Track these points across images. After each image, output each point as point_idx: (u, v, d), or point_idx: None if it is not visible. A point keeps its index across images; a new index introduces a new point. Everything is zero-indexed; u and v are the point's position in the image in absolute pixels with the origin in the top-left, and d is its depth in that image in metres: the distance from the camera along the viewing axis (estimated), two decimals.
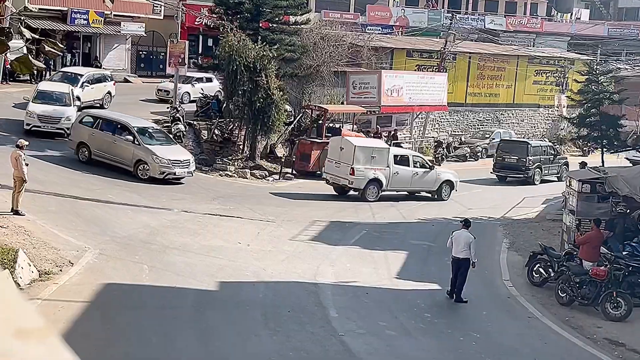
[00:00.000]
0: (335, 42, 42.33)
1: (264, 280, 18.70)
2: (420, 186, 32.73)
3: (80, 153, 29.48)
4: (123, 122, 29.98)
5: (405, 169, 31.91)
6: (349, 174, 30.46)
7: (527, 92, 53.69)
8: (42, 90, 33.16)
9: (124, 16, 48.65)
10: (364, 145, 32.09)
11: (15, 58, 5.78)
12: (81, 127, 29.84)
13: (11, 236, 18.05)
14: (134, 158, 28.75)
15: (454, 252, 18.87)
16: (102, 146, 29.28)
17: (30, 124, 31.49)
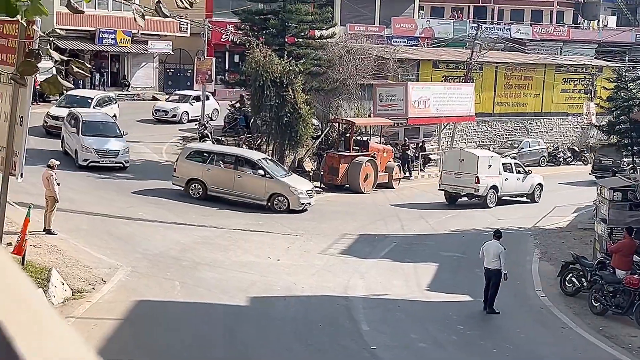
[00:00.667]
0: (361, 55, 42.35)
1: (295, 294, 18.71)
2: (521, 190, 35.41)
3: (192, 189, 29.05)
4: (246, 156, 30.01)
5: (511, 175, 34.72)
6: (475, 182, 33.08)
7: (555, 100, 53.36)
8: (87, 120, 31.83)
9: (151, 35, 49.11)
10: (484, 155, 35.32)
11: (45, 79, 5.86)
12: (190, 163, 29.23)
13: (44, 255, 18.23)
14: (268, 191, 28.71)
15: (485, 263, 18.81)
16: (221, 181, 28.98)
17: (87, 159, 30.40)
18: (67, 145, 32.06)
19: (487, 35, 56.86)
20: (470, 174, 33.02)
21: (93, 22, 46.14)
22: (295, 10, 37.02)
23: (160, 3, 5.59)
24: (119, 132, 32.36)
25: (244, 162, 29.38)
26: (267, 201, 28.73)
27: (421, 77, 47.19)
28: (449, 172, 33.86)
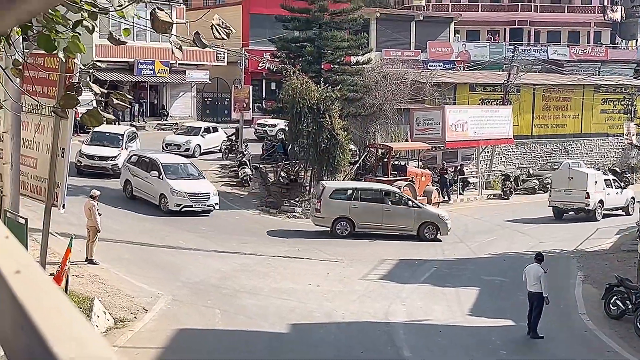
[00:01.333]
0: (397, 79, 42.41)
1: (336, 321, 18.65)
2: (618, 204, 37.71)
3: (339, 228, 29.47)
4: (387, 189, 30.85)
5: (611, 190, 37.26)
6: (585, 197, 35.62)
7: (594, 121, 52.87)
8: (167, 163, 31.15)
9: (189, 65, 49.64)
10: (592, 173, 38.20)
11: (86, 112, 5.94)
12: (335, 202, 29.50)
13: (87, 285, 18.40)
14: (418, 221, 29.63)
15: (528, 286, 18.65)
16: (370, 217, 29.45)
17: (180, 204, 29.56)
18: (139, 189, 30.54)
19: (524, 57, 56.68)
20: (580, 190, 35.69)
21: (132, 53, 46.76)
22: (331, 37, 37.23)
23: (198, 34, 5.66)
24: (198, 173, 31.94)
25: (386, 195, 30.27)
26: (416, 231, 29.76)
27: (458, 100, 47.08)
28: (559, 189, 36.42)
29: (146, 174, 30.41)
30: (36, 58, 13.75)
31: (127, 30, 6.87)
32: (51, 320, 0.97)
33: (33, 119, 15.43)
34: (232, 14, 51.24)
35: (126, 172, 31.38)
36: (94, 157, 33.76)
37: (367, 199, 30.04)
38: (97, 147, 34.34)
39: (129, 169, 31.26)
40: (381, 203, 29.81)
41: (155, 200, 29.94)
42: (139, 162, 31.33)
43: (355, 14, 39.05)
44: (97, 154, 33.91)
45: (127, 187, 31.09)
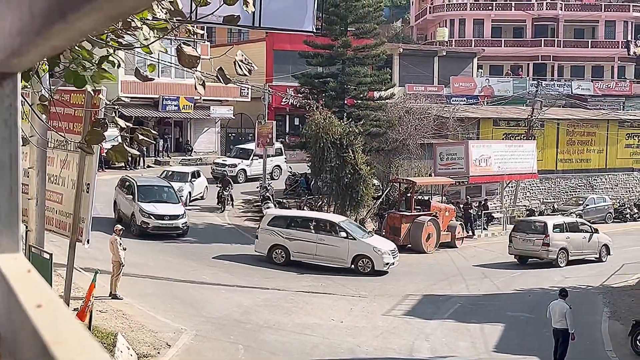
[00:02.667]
0: (421, 114, 42.47)
1: (359, 357, 18.53)
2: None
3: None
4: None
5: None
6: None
7: (619, 156, 52.59)
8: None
9: (212, 100, 50.01)
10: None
11: (111, 147, 5.99)
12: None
13: (110, 320, 18.41)
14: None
15: (553, 322, 18.50)
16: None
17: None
18: (122, 211, 31.71)
19: (548, 92, 56.61)
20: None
21: (157, 89, 47.19)
22: (354, 72, 37.41)
23: (222, 70, 5.70)
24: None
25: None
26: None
27: (482, 135, 47.04)
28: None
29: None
30: (62, 94, 13.90)
31: (152, 66, 6.94)
32: (72, 356, 0.97)
33: (59, 154, 15.57)
34: (256, 51, 51.64)
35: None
36: (164, 217, 30.99)
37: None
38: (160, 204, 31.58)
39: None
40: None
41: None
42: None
43: (378, 49, 39.23)
44: (166, 212, 31.09)
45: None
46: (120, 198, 32.43)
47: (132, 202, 31.03)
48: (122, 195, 32.27)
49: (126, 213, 31.46)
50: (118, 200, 32.60)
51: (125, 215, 31.41)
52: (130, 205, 31.21)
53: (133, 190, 31.48)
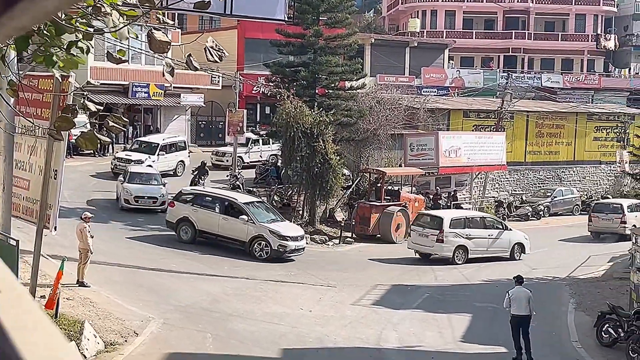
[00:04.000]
0: (391, 105, 42.52)
1: (327, 346, 18.57)
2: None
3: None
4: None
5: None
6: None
7: (587, 148, 53.07)
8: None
9: (183, 88, 49.72)
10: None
11: (81, 134, 5.93)
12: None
13: (77, 308, 18.29)
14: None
15: (516, 310, 18.70)
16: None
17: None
18: None
19: (518, 84, 56.95)
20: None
21: (126, 76, 46.84)
22: (325, 62, 37.34)
23: (190, 57, 5.66)
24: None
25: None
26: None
27: (452, 126, 47.23)
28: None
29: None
30: (30, 79, 13.75)
31: (122, 51, 6.88)
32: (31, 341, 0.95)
33: (27, 140, 15.41)
34: (227, 38, 51.41)
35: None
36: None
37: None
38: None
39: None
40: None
41: None
42: None
43: (349, 39, 39.18)
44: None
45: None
46: None
47: None
48: None
49: None
50: None
51: None
52: None
53: None
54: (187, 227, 28.88)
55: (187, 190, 31.00)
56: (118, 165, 38.91)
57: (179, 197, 29.79)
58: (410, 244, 31.73)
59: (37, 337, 0.96)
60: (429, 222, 31.54)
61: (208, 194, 30.33)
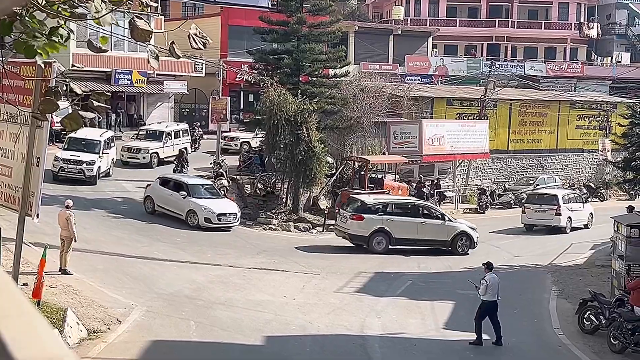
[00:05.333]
0: (375, 93, 42.53)
1: (311, 333, 18.61)
2: None
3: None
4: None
5: None
6: None
7: (570, 137, 53.29)
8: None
9: (166, 75, 49.50)
10: None
11: (65, 115, 5.90)
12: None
13: (60, 295, 18.23)
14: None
15: (491, 297, 18.91)
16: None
17: None
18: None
19: (501, 72, 57.09)
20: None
21: (109, 63, 46.56)
22: (309, 49, 37.28)
23: (173, 44, 5.64)
24: None
25: None
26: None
27: (435, 114, 47.29)
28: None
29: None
30: (12, 66, 13.65)
31: (104, 38, 6.83)
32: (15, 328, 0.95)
33: (9, 127, 15.32)
34: (211, 26, 51.21)
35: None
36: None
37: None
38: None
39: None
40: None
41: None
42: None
43: (333, 27, 39.12)
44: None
45: None
46: None
47: None
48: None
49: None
50: None
51: None
52: None
53: None
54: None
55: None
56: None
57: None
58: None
59: (21, 324, 0.96)
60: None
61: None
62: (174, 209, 31.44)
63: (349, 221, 30.09)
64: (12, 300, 1.02)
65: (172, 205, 31.43)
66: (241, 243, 29.31)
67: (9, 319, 0.94)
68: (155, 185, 32.35)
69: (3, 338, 0.93)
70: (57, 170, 34.04)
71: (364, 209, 30.19)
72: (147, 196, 32.35)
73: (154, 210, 31.70)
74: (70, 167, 34.31)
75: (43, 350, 0.92)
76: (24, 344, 0.91)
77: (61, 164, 34.15)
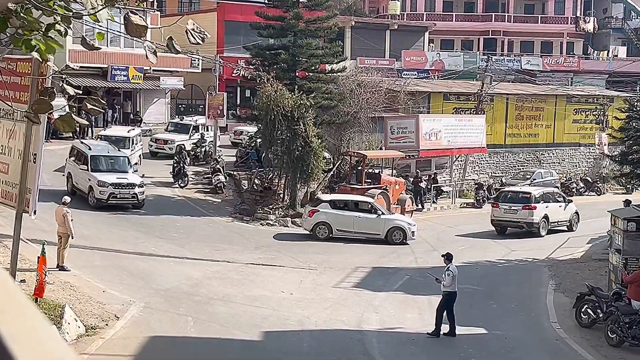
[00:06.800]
0: (372, 88, 42.50)
1: (309, 329, 18.62)
2: None
3: None
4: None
5: None
6: None
7: (567, 131, 53.32)
8: None
9: (163, 71, 49.43)
10: None
11: (59, 117, 5.88)
12: None
13: (57, 292, 18.23)
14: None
15: (454, 287, 19.03)
16: None
17: None
18: None
19: (497, 67, 57.04)
20: None
21: (105, 59, 46.50)
22: (305, 44, 37.23)
23: (172, 39, 5.63)
24: None
25: None
26: None
27: (432, 109, 47.28)
28: None
29: None
30: (8, 62, 13.63)
31: (100, 34, 6.83)
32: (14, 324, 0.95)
33: (5, 124, 15.29)
34: (207, 21, 51.15)
35: None
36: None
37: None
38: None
39: None
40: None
41: None
42: None
43: (330, 22, 39.07)
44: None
45: None
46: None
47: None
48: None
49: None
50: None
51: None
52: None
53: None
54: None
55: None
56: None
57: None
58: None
59: (21, 320, 0.96)
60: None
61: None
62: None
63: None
64: (11, 297, 1.02)
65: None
66: (238, 239, 29.31)
67: (7, 315, 0.94)
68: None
69: (2, 336, 0.93)
70: (107, 197, 30.30)
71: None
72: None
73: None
74: (124, 193, 30.78)
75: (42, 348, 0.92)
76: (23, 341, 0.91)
77: (111, 189, 30.27)
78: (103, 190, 30.29)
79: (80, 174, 31.31)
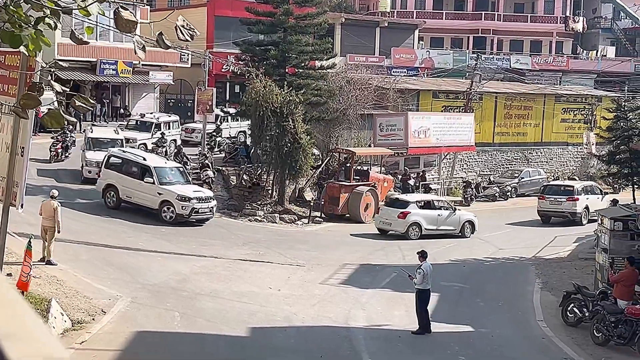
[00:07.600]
0: (361, 85, 42.54)
1: (296, 325, 18.64)
2: None
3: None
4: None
5: None
6: None
7: (555, 130, 53.51)
8: None
9: (152, 65, 49.31)
10: None
11: (47, 113, 5.86)
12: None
13: (44, 286, 18.18)
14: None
15: (425, 285, 19.24)
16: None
17: None
18: None
19: (487, 65, 57.20)
20: None
21: (94, 53, 46.35)
22: (295, 41, 37.21)
23: (162, 35, 5.62)
24: None
25: None
26: None
27: (421, 107, 47.36)
28: None
29: None
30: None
31: (89, 28, 6.81)
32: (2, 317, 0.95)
33: None
34: (197, 16, 51.03)
35: None
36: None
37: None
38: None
39: None
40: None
41: None
42: None
43: (320, 18, 39.07)
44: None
45: None
46: None
47: None
48: None
49: None
50: None
51: None
52: None
53: None
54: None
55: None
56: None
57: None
58: None
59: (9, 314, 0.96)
60: None
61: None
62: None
63: None
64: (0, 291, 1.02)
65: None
66: (226, 234, 29.28)
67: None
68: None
69: None
70: (189, 213, 29.25)
71: None
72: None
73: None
74: (204, 208, 29.84)
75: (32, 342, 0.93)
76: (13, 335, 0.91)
77: (194, 204, 29.30)
78: (185, 205, 29.13)
79: (137, 187, 29.66)
